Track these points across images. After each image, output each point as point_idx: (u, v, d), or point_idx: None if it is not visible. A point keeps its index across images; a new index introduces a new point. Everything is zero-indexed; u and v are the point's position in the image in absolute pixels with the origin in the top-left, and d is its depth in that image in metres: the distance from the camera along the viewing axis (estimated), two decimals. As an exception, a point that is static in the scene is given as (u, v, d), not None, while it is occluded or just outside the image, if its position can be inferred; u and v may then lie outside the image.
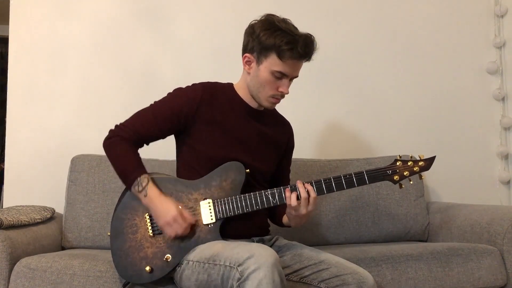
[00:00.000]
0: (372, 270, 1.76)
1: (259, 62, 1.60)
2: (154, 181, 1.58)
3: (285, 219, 1.71)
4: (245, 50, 1.64)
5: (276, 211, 1.77)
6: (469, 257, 1.87)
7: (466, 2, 2.80)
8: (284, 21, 1.59)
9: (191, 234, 1.55)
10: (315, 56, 1.61)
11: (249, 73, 1.64)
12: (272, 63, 1.57)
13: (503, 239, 1.93)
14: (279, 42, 1.53)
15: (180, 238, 1.55)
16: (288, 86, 1.61)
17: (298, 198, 1.54)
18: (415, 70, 2.74)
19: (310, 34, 1.59)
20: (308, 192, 1.54)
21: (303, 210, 1.55)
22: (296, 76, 1.63)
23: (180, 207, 1.54)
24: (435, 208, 2.40)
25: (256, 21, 1.61)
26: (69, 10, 2.48)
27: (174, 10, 2.56)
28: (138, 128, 1.61)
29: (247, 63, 1.64)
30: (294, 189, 1.56)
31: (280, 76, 1.58)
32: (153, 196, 1.54)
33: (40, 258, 1.72)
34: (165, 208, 1.52)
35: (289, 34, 1.54)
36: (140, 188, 1.54)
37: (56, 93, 2.45)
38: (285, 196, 1.56)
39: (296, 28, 1.59)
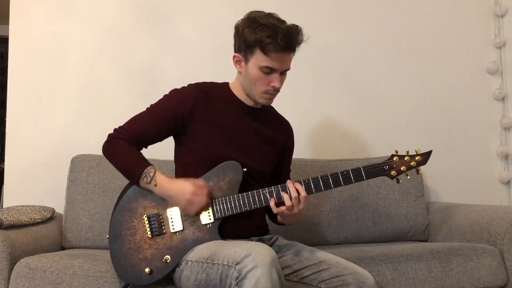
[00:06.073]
0: (372, 270, 1.76)
1: (246, 60, 1.60)
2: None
3: (279, 217, 1.70)
4: (234, 50, 1.64)
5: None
6: (469, 257, 1.87)
7: (466, 2, 2.80)
8: (268, 15, 1.57)
9: (190, 235, 1.55)
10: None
11: (240, 73, 1.65)
12: (258, 59, 1.56)
13: (503, 239, 1.93)
14: (260, 37, 1.53)
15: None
16: (280, 80, 1.60)
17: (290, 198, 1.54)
18: (415, 70, 2.74)
19: (294, 25, 1.56)
20: (298, 191, 1.55)
21: (295, 209, 1.55)
22: (287, 69, 1.62)
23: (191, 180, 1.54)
24: (435, 208, 2.40)
25: (240, 21, 1.61)
26: (70, 9, 2.48)
27: (176, 10, 2.56)
28: (136, 131, 1.61)
29: (237, 62, 1.64)
30: (285, 189, 1.57)
31: (268, 71, 1.57)
32: (163, 182, 1.55)
33: (40, 258, 1.72)
34: (179, 189, 1.53)
35: (270, 28, 1.53)
36: (149, 179, 1.55)
37: (56, 93, 2.44)
38: (283, 198, 1.55)
39: (281, 21, 1.57)
